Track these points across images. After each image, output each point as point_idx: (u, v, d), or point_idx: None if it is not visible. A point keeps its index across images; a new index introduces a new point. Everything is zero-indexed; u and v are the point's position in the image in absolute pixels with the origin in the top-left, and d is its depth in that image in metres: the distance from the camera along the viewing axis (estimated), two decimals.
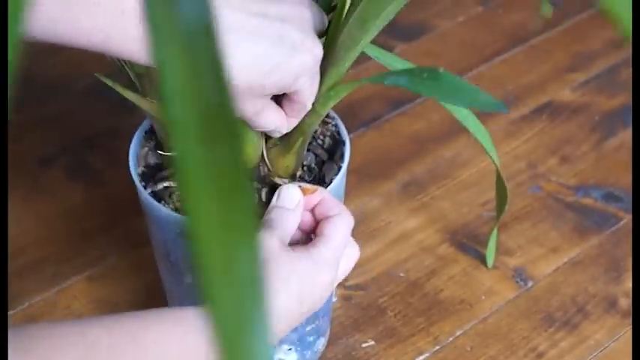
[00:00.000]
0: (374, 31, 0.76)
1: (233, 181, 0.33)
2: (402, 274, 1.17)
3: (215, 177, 0.33)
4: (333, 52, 0.79)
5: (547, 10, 1.01)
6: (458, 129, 0.99)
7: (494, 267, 1.18)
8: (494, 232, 1.12)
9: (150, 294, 1.14)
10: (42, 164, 1.32)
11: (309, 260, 0.77)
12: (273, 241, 0.77)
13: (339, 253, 0.81)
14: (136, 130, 0.96)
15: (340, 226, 0.81)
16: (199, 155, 0.33)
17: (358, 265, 1.16)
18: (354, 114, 1.40)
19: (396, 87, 0.75)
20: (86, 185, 1.29)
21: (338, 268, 0.81)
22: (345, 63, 0.79)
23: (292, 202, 0.82)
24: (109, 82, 0.85)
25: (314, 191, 0.84)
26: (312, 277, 0.77)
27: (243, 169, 0.34)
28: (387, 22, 0.76)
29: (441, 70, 0.77)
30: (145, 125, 0.97)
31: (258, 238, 0.34)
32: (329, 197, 0.85)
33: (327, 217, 0.82)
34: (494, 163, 0.98)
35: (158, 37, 0.33)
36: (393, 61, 0.90)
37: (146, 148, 0.96)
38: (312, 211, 0.85)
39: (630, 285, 1.16)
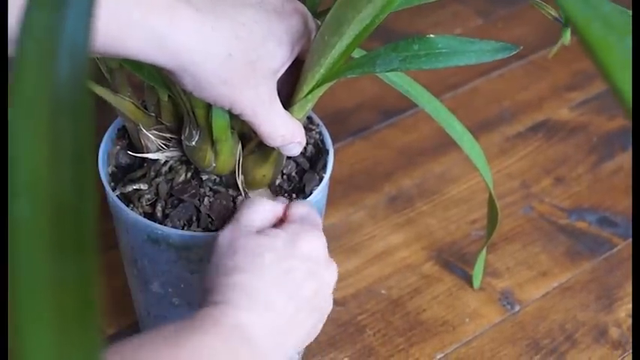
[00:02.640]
0: (349, 36, 0.71)
1: (81, 310, 0.27)
2: (383, 292, 1.12)
3: (59, 299, 0.27)
4: (309, 59, 0.74)
5: (566, 38, 0.97)
6: (449, 143, 0.94)
7: (481, 288, 1.13)
8: (483, 252, 1.07)
9: (116, 299, 1.09)
10: None
11: (283, 237, 0.74)
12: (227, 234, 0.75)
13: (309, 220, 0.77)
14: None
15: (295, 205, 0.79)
16: (44, 270, 0.27)
17: (338, 280, 1.12)
18: (342, 122, 1.36)
19: (387, 97, 0.70)
20: None
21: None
22: (319, 69, 0.74)
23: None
24: None
25: None
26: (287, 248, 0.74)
27: (94, 292, 0.27)
28: (364, 28, 0.71)
29: (431, 35, 0.72)
30: (117, 123, 0.92)
31: None
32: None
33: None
34: (487, 184, 0.93)
35: (23, 100, 0.27)
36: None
37: (118, 147, 0.91)
38: None
39: (622, 315, 1.11)
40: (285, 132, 0.76)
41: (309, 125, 0.93)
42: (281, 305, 0.71)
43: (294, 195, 0.88)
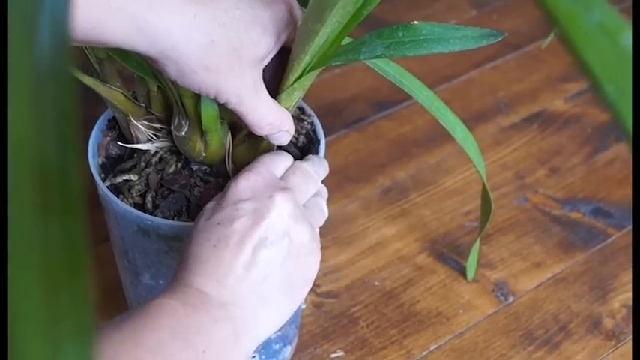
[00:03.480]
0: (332, 23, 0.70)
1: (69, 266, 0.28)
2: (377, 283, 1.12)
3: (47, 258, 0.27)
4: (295, 47, 0.74)
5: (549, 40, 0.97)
6: (443, 134, 0.94)
7: (474, 280, 1.13)
8: (476, 244, 1.07)
9: (108, 291, 1.09)
10: None
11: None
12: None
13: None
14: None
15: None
16: (32, 229, 0.27)
17: (331, 271, 1.12)
18: (337, 114, 1.36)
19: (381, 88, 0.70)
20: None
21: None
22: (305, 56, 0.73)
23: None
24: None
25: None
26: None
27: (83, 252, 0.28)
28: (351, 17, 0.70)
29: (416, 22, 0.72)
30: (108, 114, 0.92)
31: (90, 342, 0.28)
32: None
33: None
34: (481, 177, 0.93)
35: (10, 68, 0.27)
36: (377, 60, 0.85)
37: (108, 138, 0.91)
38: None
39: (616, 305, 1.11)
40: (273, 120, 0.75)
41: (300, 116, 0.93)
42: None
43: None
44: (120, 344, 0.63)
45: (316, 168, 0.82)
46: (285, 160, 0.80)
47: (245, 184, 0.74)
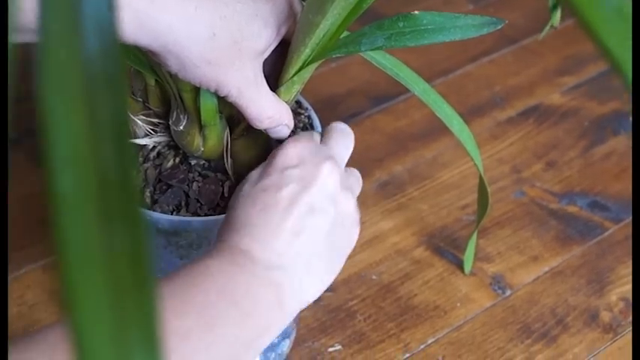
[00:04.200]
0: (333, 15, 0.70)
1: (134, 273, 0.27)
2: (374, 277, 1.12)
3: (112, 268, 0.27)
4: (295, 39, 0.73)
5: (555, 20, 0.96)
6: (440, 128, 0.94)
7: (472, 273, 1.13)
8: (474, 237, 1.07)
9: None
10: None
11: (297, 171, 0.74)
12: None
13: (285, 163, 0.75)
14: None
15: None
16: (94, 240, 0.27)
17: None
18: (333, 108, 1.36)
19: (378, 82, 0.70)
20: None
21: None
22: (305, 49, 0.73)
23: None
24: None
25: None
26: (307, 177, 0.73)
27: (147, 258, 0.27)
28: (351, 9, 0.70)
29: (416, 12, 0.72)
30: None
31: (159, 349, 0.27)
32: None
33: None
34: (478, 168, 0.93)
35: (53, 77, 0.27)
36: (374, 54, 0.85)
37: None
38: None
39: (613, 299, 1.11)
40: (273, 114, 0.75)
41: (297, 109, 0.92)
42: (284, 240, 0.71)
43: None
44: (167, 300, 0.63)
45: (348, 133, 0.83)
46: (318, 136, 0.81)
47: (292, 151, 0.74)
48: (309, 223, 0.71)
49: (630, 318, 1.08)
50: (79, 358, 0.26)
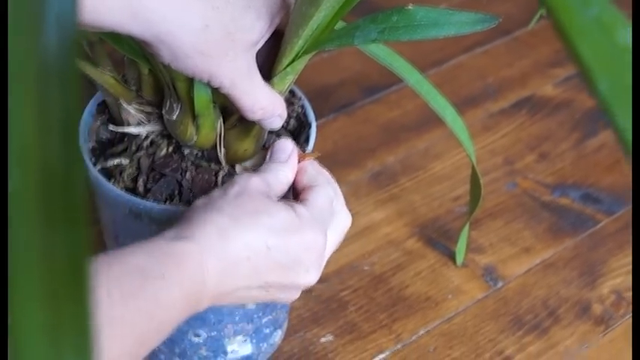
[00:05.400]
0: (326, 7, 0.70)
1: (71, 277, 0.27)
2: (366, 268, 1.12)
3: (51, 268, 0.27)
4: (288, 31, 0.73)
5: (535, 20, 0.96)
6: (433, 119, 0.94)
7: (464, 265, 1.13)
8: (466, 228, 1.07)
9: None
10: None
11: (291, 213, 0.72)
12: (254, 180, 0.73)
13: (324, 218, 0.75)
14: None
15: (320, 192, 0.76)
16: (35, 242, 0.27)
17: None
18: (326, 98, 1.35)
19: (371, 73, 0.69)
20: None
21: (325, 236, 0.75)
22: (298, 40, 0.73)
23: (285, 153, 0.78)
24: None
25: (309, 157, 0.81)
26: (290, 228, 0.72)
27: (85, 263, 0.27)
28: (345, 1, 0.70)
29: (410, 6, 0.71)
30: (98, 97, 0.91)
31: (91, 353, 0.27)
32: (313, 167, 0.80)
33: (309, 187, 0.78)
34: (471, 159, 0.92)
35: (13, 66, 0.27)
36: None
37: (98, 122, 0.90)
38: (294, 181, 0.80)
39: (605, 291, 1.11)
40: (266, 105, 0.75)
41: (291, 99, 0.92)
42: (244, 272, 0.70)
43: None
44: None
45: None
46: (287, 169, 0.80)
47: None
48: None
49: (622, 311, 1.08)
50: (14, 347, 0.26)
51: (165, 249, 0.66)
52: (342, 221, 0.79)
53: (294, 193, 0.79)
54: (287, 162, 0.78)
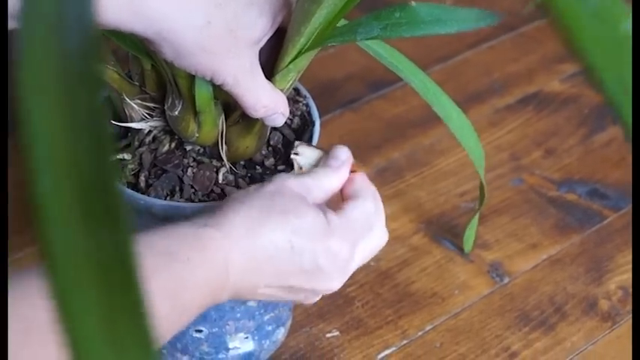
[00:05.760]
0: (329, 4, 0.70)
1: (122, 276, 0.27)
2: (372, 263, 1.12)
3: (98, 271, 0.26)
4: (290, 28, 0.73)
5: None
6: (438, 115, 0.94)
7: (470, 261, 1.12)
8: (475, 218, 1.06)
9: None
10: None
11: (321, 217, 0.72)
12: (290, 181, 0.74)
13: (356, 230, 0.75)
14: None
15: (359, 204, 0.77)
16: (77, 243, 0.26)
17: None
18: (331, 94, 1.35)
19: (377, 68, 0.69)
20: None
21: (355, 248, 0.75)
22: (299, 38, 0.73)
23: (337, 161, 0.78)
24: None
25: (362, 170, 0.81)
26: (318, 233, 0.72)
27: (133, 260, 0.27)
28: None
29: (413, 3, 0.71)
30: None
31: (153, 352, 0.27)
32: (362, 179, 0.80)
33: (351, 198, 0.78)
34: (473, 161, 0.92)
35: (30, 78, 0.26)
36: (371, 42, 0.84)
37: None
38: (341, 191, 0.80)
39: (612, 287, 1.10)
40: (268, 102, 0.75)
41: (296, 97, 0.92)
42: (267, 270, 0.71)
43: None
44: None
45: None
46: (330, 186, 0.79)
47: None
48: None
49: (629, 307, 1.08)
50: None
51: (193, 234, 0.67)
52: (376, 238, 0.79)
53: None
54: (337, 170, 0.78)
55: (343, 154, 0.79)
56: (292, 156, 0.80)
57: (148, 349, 0.27)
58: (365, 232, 0.76)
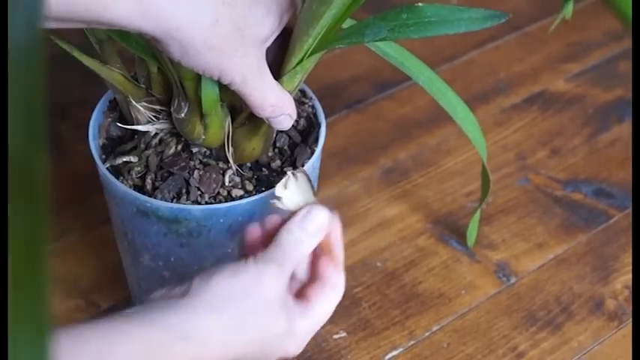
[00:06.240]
0: (337, 5, 0.70)
1: (31, 261, 0.28)
2: (379, 264, 1.12)
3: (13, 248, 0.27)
4: (297, 29, 0.73)
5: (568, 12, 0.95)
6: (445, 115, 0.94)
7: (476, 261, 1.13)
8: (478, 212, 1.07)
9: (110, 272, 1.08)
10: None
11: (286, 323, 0.68)
12: (280, 285, 0.68)
13: (314, 331, 0.72)
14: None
15: (329, 299, 0.73)
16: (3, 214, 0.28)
17: None
18: (338, 95, 1.35)
19: (382, 69, 0.69)
20: (55, 157, 1.23)
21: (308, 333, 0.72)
22: (307, 39, 0.73)
23: (316, 227, 0.72)
24: (66, 47, 0.80)
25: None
26: (277, 339, 0.68)
27: (43, 246, 0.27)
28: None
29: (420, 3, 0.71)
30: (109, 95, 0.91)
31: (46, 339, 0.27)
32: (337, 235, 0.75)
33: (320, 278, 0.74)
34: (480, 156, 0.92)
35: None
36: (378, 42, 0.84)
37: (109, 119, 0.90)
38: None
39: (618, 286, 1.11)
40: (276, 101, 0.75)
41: (302, 99, 0.92)
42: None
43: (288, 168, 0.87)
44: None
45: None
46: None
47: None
48: None
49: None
50: None
51: (166, 348, 0.63)
52: (334, 297, 0.76)
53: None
54: (314, 235, 0.72)
55: (323, 221, 0.73)
56: (273, 200, 0.72)
57: (40, 343, 0.27)
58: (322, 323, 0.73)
